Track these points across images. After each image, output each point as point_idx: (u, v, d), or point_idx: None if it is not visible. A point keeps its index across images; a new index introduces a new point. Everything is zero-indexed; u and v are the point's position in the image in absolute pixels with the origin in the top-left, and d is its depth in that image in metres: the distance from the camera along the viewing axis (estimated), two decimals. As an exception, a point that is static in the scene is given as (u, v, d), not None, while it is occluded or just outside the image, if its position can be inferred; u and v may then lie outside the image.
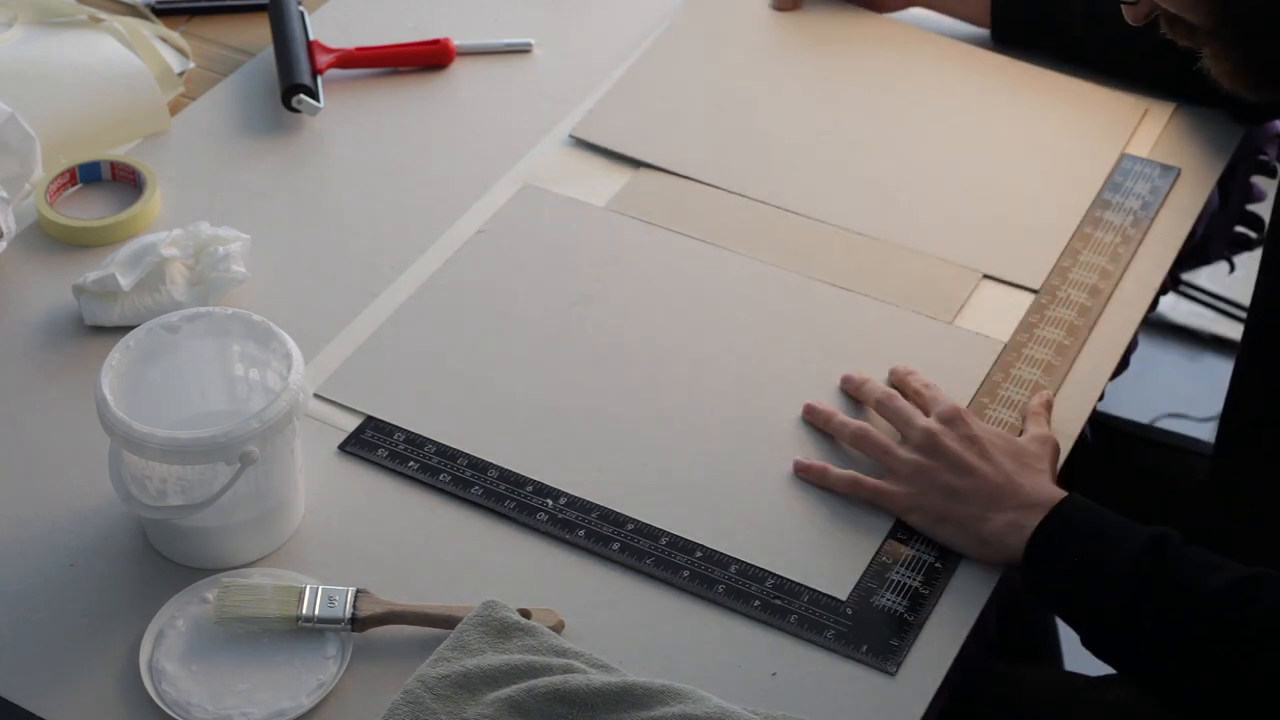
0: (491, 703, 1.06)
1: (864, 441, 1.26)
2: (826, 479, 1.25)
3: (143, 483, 1.16)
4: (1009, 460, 1.22)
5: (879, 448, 1.25)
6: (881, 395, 1.29)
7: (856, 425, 1.26)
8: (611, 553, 1.20)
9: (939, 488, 1.21)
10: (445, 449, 1.27)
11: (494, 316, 1.38)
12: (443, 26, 1.67)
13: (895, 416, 1.27)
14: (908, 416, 1.26)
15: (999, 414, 1.31)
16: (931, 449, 1.22)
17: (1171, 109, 1.59)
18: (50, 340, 1.35)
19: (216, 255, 1.37)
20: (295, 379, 1.15)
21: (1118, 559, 1.15)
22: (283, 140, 1.56)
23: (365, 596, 1.14)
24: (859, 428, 1.26)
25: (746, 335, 1.37)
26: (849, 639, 1.15)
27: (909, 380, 1.31)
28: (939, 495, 1.21)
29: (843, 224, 1.47)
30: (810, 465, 1.26)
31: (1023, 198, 1.51)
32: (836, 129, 1.57)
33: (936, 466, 1.22)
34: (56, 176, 1.47)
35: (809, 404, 1.30)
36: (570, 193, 1.50)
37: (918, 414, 1.26)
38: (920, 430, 1.24)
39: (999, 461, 1.22)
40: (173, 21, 1.68)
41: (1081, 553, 1.16)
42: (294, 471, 1.20)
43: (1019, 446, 1.24)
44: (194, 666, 1.12)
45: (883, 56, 1.65)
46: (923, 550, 1.21)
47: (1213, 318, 2.70)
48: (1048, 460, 1.24)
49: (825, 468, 1.25)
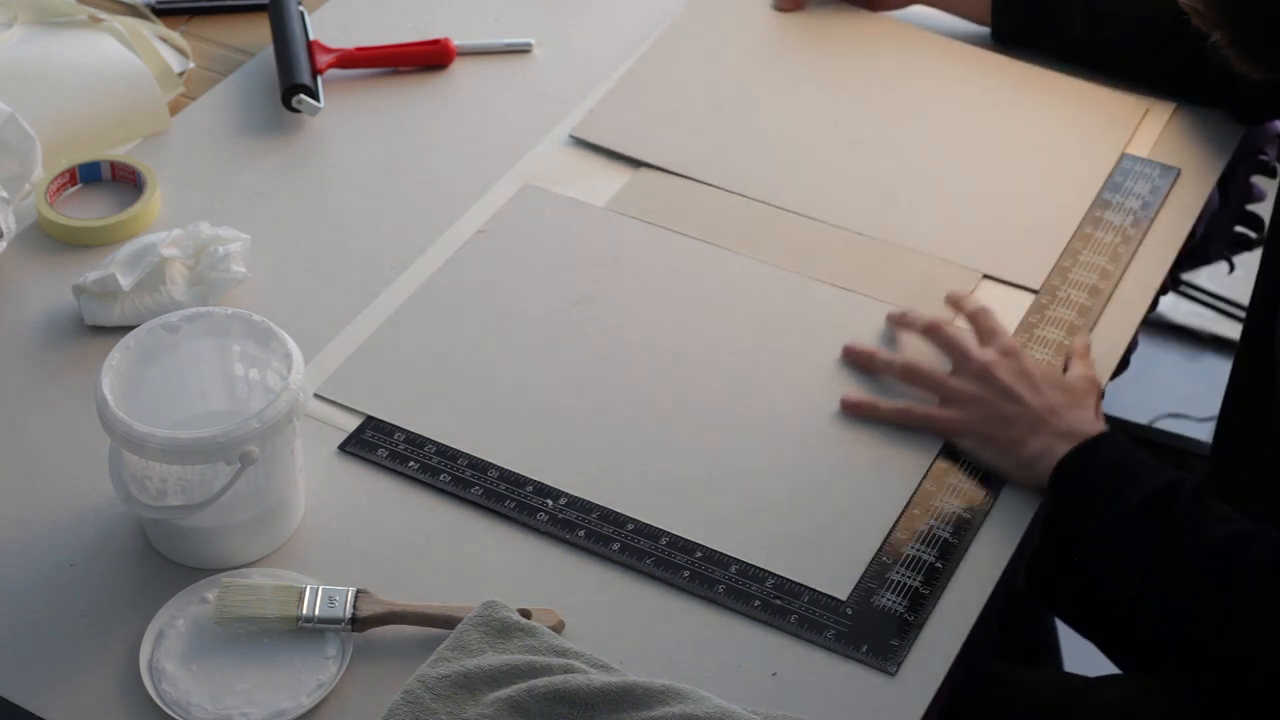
0: (492, 703, 1.06)
1: (915, 374, 1.31)
2: (877, 412, 1.29)
3: (143, 483, 1.16)
4: (1057, 393, 1.28)
5: (930, 379, 1.30)
6: (929, 322, 1.34)
7: (904, 359, 1.31)
8: (611, 553, 1.20)
9: (989, 414, 1.27)
10: (445, 449, 1.27)
11: (494, 316, 1.38)
12: (443, 26, 1.67)
13: (950, 346, 1.32)
14: (964, 349, 1.31)
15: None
16: (986, 379, 1.28)
17: (1171, 109, 1.59)
18: (50, 340, 1.35)
19: (216, 255, 1.37)
20: (295, 379, 1.15)
21: (1130, 495, 1.19)
22: (283, 140, 1.56)
23: (365, 596, 1.14)
24: (908, 361, 1.31)
25: (746, 335, 1.37)
26: (849, 639, 1.15)
27: (965, 305, 1.36)
28: (988, 421, 1.27)
29: (843, 224, 1.47)
30: (859, 401, 1.30)
31: (1023, 198, 1.51)
32: (837, 129, 1.57)
33: (989, 395, 1.27)
34: (56, 176, 1.47)
35: (848, 345, 1.34)
36: (570, 193, 1.50)
37: (973, 345, 1.31)
38: (978, 362, 1.29)
39: (1047, 393, 1.27)
40: (173, 21, 1.68)
41: (1100, 485, 1.21)
42: (294, 471, 1.20)
43: (1068, 383, 1.30)
44: (194, 666, 1.12)
45: (883, 57, 1.65)
46: (923, 550, 1.21)
47: (1213, 318, 2.70)
48: (1093, 398, 1.29)
49: (874, 401, 1.29)
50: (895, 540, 1.22)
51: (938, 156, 1.55)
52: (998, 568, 1.21)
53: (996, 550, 1.22)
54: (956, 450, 1.28)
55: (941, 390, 1.30)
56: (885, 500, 1.25)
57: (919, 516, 1.23)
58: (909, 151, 1.55)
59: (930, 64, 1.64)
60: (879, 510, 1.24)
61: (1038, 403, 1.26)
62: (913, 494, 1.25)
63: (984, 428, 1.27)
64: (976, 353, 1.30)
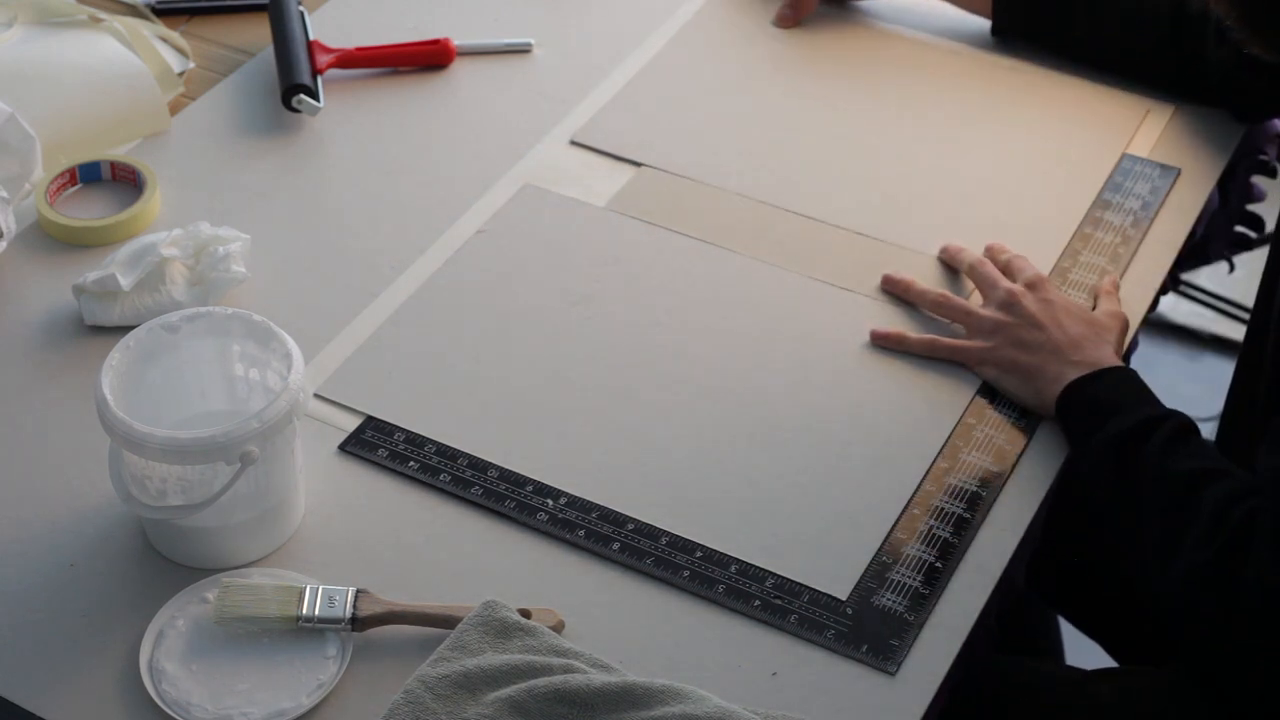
0: (492, 703, 1.06)
1: (945, 306, 1.36)
2: (905, 343, 1.34)
3: (143, 483, 1.16)
4: (1081, 326, 1.31)
5: (960, 310, 1.35)
6: (974, 260, 1.39)
7: (937, 292, 1.37)
8: (611, 553, 1.20)
9: (1013, 342, 1.30)
10: (445, 449, 1.27)
11: (494, 316, 1.38)
12: (443, 26, 1.67)
13: (983, 279, 1.36)
14: (994, 279, 1.36)
15: (999, 414, 1.31)
16: (1011, 307, 1.33)
17: (1172, 109, 1.59)
18: (50, 340, 1.35)
19: (216, 255, 1.37)
20: (295, 379, 1.15)
21: (1118, 423, 1.22)
22: (283, 140, 1.56)
23: (365, 596, 1.14)
24: (940, 293, 1.36)
25: (746, 335, 1.37)
26: (849, 639, 1.15)
27: (1000, 251, 1.40)
28: (1011, 348, 1.31)
29: (843, 224, 1.47)
30: (888, 333, 1.34)
31: (1023, 198, 1.51)
32: (837, 130, 1.57)
33: (1013, 323, 1.32)
34: (56, 176, 1.47)
35: (887, 274, 1.39)
36: (570, 193, 1.50)
37: (1002, 278, 1.36)
38: (1004, 290, 1.34)
39: (1069, 326, 1.31)
40: (173, 21, 1.68)
41: (1096, 410, 1.24)
42: (294, 471, 1.20)
43: (1092, 317, 1.33)
44: (194, 666, 1.12)
45: (883, 61, 1.65)
46: (923, 550, 1.21)
47: (1213, 318, 2.70)
48: (1116, 333, 1.32)
49: (902, 333, 1.35)
50: (895, 540, 1.22)
51: (938, 157, 1.55)
52: (998, 568, 1.21)
53: (996, 550, 1.22)
54: (956, 450, 1.28)
55: (969, 320, 1.34)
56: (885, 500, 1.25)
57: (919, 516, 1.23)
58: (909, 152, 1.55)
59: (930, 66, 1.64)
60: (879, 510, 1.24)
61: (1060, 334, 1.30)
62: (913, 494, 1.25)
63: (1007, 354, 1.30)
64: (1004, 283, 1.34)
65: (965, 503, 1.25)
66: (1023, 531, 1.24)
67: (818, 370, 1.34)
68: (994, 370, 1.31)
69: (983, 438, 1.29)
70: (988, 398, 1.32)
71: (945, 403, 1.32)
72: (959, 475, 1.27)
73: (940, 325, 1.37)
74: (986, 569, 1.20)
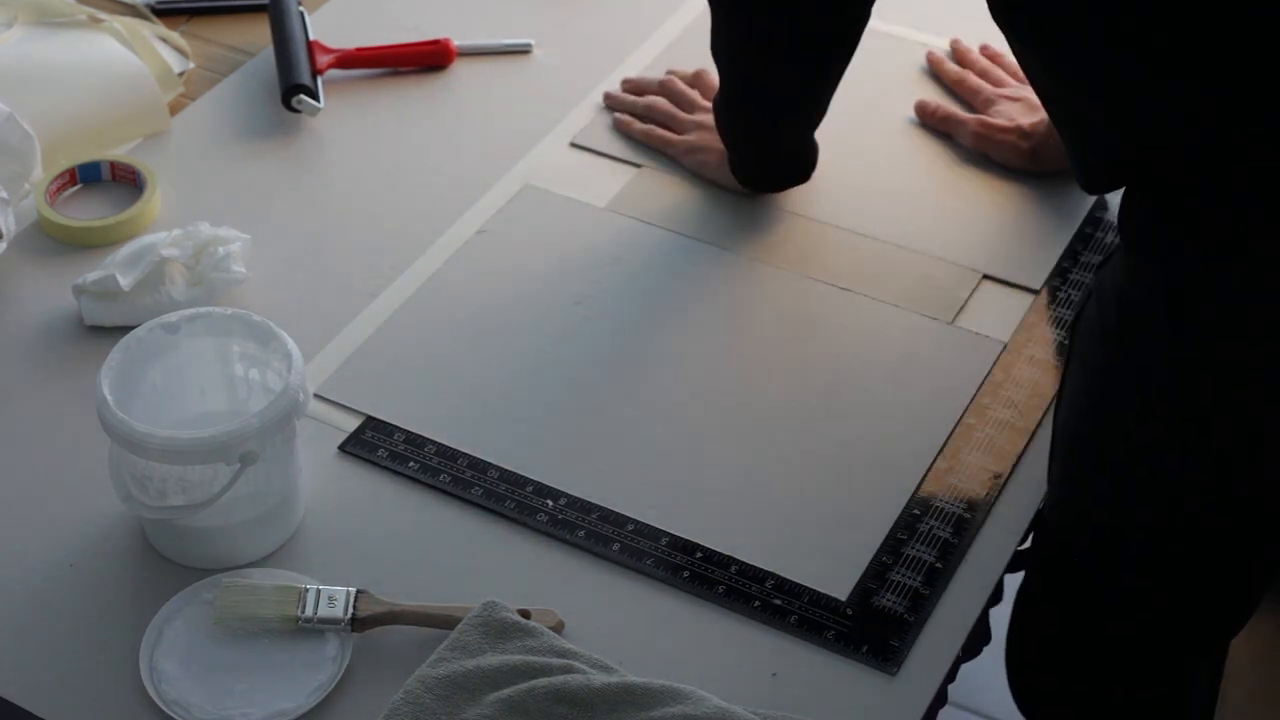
0: (492, 703, 1.06)
1: (961, 85, 1.60)
2: (954, 121, 1.55)
3: (143, 483, 1.16)
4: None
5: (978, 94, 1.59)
6: (955, 74, 1.62)
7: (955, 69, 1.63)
8: (611, 553, 1.20)
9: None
10: (445, 449, 1.27)
11: (494, 316, 1.38)
12: (443, 27, 1.67)
13: (971, 90, 1.59)
14: (976, 87, 1.59)
15: (999, 414, 1.31)
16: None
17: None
18: (50, 340, 1.35)
19: (216, 255, 1.37)
20: (295, 379, 1.15)
21: None
22: (283, 140, 1.56)
23: (365, 596, 1.14)
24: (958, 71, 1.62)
25: (746, 335, 1.38)
26: (849, 639, 1.15)
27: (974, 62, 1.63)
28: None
29: (843, 224, 1.47)
30: (935, 107, 1.57)
31: (1023, 198, 1.51)
32: (837, 130, 1.57)
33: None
34: (56, 176, 1.47)
35: (921, 100, 1.59)
36: (570, 193, 1.50)
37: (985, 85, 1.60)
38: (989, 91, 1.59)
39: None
40: (173, 21, 1.68)
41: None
42: (294, 471, 1.20)
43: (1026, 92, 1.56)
44: (194, 666, 1.12)
45: (882, 63, 1.65)
46: (923, 550, 1.21)
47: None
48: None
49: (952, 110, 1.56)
50: (895, 540, 1.22)
51: (937, 157, 1.55)
52: (998, 568, 1.21)
53: (996, 550, 1.22)
54: (956, 450, 1.28)
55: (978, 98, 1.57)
56: (885, 500, 1.25)
57: (919, 516, 1.23)
58: (909, 152, 1.55)
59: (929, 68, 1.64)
60: (879, 510, 1.24)
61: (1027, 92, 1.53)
62: (913, 494, 1.25)
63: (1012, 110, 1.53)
64: (986, 88, 1.58)
65: (965, 503, 1.25)
66: (1022, 533, 1.24)
67: (817, 370, 1.34)
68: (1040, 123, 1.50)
69: (983, 438, 1.29)
70: (987, 399, 1.32)
71: (945, 403, 1.32)
72: (959, 475, 1.27)
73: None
74: (987, 569, 1.20)
